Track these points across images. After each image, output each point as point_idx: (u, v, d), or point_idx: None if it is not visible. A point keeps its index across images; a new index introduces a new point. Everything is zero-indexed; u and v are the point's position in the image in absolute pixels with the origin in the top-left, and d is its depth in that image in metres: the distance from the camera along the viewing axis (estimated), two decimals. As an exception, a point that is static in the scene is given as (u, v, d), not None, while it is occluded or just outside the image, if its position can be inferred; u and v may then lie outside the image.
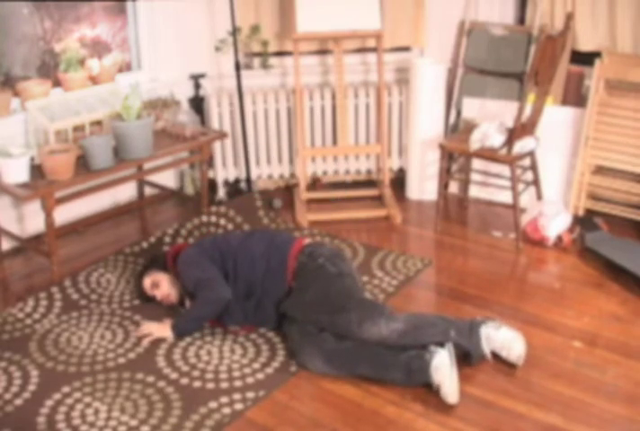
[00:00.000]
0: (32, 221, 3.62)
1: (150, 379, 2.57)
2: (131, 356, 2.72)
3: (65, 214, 3.70)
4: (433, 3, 4.26)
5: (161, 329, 2.81)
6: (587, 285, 3.22)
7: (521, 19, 4.28)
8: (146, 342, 2.79)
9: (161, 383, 2.55)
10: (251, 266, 2.82)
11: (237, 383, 2.55)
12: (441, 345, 2.53)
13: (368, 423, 2.36)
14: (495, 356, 2.63)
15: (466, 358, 2.60)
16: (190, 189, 4.32)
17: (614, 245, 3.42)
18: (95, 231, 3.87)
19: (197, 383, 2.55)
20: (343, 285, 2.73)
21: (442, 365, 2.43)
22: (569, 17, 3.44)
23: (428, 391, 2.47)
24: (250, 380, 2.57)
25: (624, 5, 3.86)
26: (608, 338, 2.80)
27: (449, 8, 4.28)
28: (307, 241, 2.97)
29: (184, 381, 2.56)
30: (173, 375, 2.60)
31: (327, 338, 2.61)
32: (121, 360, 2.69)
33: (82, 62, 3.61)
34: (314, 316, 2.66)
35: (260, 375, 2.59)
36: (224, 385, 2.54)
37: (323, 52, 4.31)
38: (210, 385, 2.54)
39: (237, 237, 2.99)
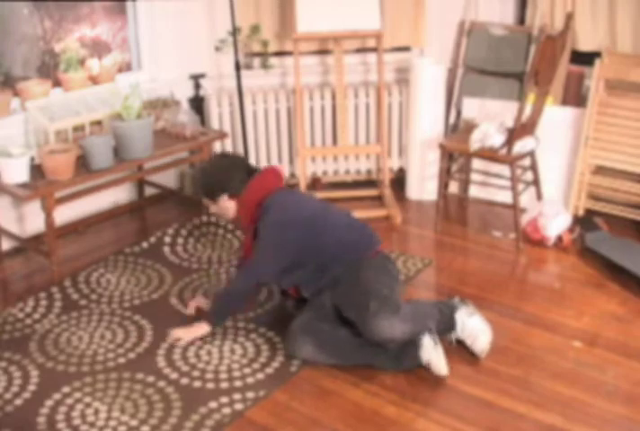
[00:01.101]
0: (32, 221, 3.62)
1: (150, 379, 2.57)
2: (131, 356, 2.72)
3: (65, 214, 3.69)
4: (433, 3, 4.26)
5: (192, 332, 2.77)
6: (587, 285, 3.21)
7: (521, 19, 4.28)
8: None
9: (161, 383, 2.55)
10: (335, 252, 2.78)
11: (237, 383, 2.55)
12: None
13: (368, 423, 2.36)
14: (500, 353, 2.66)
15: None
16: (190, 189, 4.31)
17: (614, 245, 3.41)
18: (95, 231, 3.87)
19: (197, 383, 2.55)
20: (387, 281, 2.71)
21: (427, 344, 2.52)
22: (569, 17, 3.44)
23: (428, 390, 2.48)
24: (250, 380, 2.57)
25: (624, 5, 3.86)
26: (608, 338, 2.80)
27: (449, 8, 4.28)
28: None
29: (184, 381, 2.56)
30: (173, 375, 2.59)
31: (323, 327, 2.64)
32: (121, 360, 2.69)
33: (82, 62, 3.62)
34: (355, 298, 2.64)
35: (260, 375, 2.59)
36: (224, 385, 2.54)
37: (323, 52, 4.30)
38: (210, 385, 2.54)
39: (340, 217, 2.96)
